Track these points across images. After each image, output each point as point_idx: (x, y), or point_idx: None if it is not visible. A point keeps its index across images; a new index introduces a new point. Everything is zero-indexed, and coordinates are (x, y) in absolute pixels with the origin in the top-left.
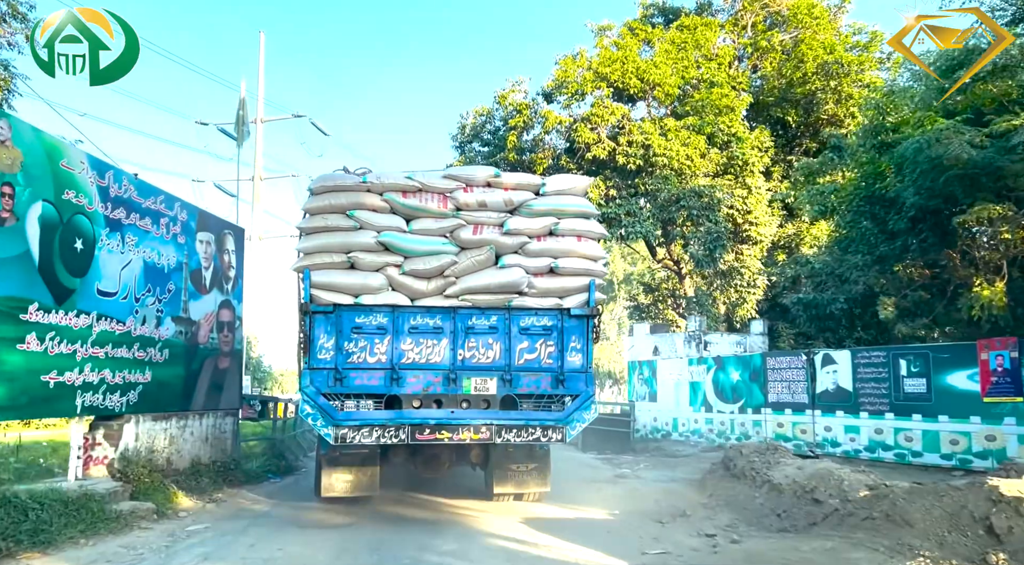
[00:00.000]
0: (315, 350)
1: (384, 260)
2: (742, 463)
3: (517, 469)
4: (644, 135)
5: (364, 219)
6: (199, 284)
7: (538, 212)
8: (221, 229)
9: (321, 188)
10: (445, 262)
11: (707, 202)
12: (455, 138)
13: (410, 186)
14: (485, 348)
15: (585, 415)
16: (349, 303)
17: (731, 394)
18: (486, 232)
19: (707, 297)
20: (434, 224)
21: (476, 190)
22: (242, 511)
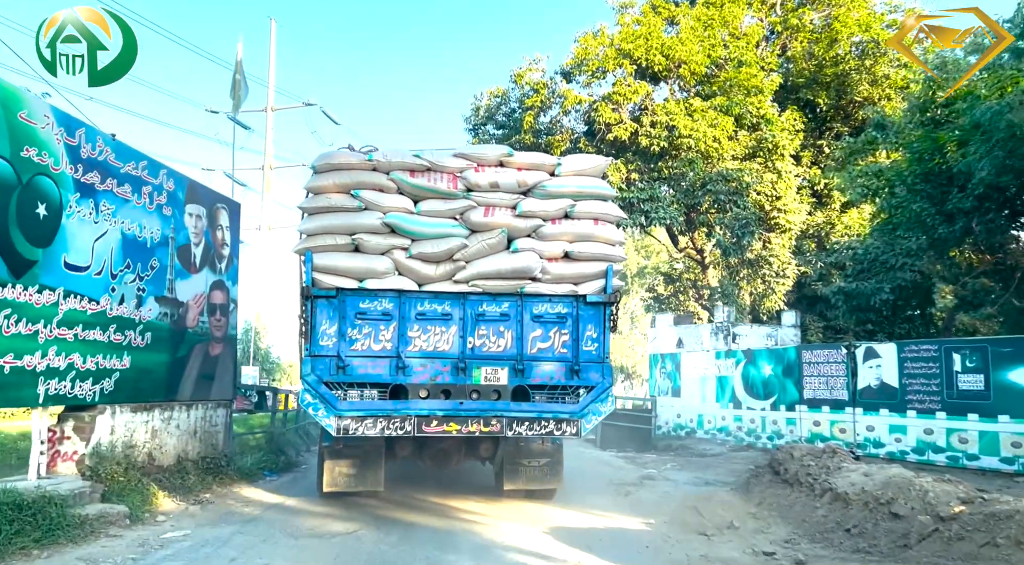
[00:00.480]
0: (316, 336)
1: (390, 243)
2: (795, 467)
3: (528, 464)
4: (669, 116)
5: (369, 199)
6: (187, 262)
7: (553, 194)
8: (214, 203)
9: (324, 166)
10: (454, 245)
11: (735, 187)
12: (468, 120)
13: (418, 165)
14: (496, 336)
15: (602, 408)
16: (353, 287)
17: (762, 390)
18: (498, 214)
19: (733, 287)
20: (443, 205)
21: (488, 170)
22: (230, 515)
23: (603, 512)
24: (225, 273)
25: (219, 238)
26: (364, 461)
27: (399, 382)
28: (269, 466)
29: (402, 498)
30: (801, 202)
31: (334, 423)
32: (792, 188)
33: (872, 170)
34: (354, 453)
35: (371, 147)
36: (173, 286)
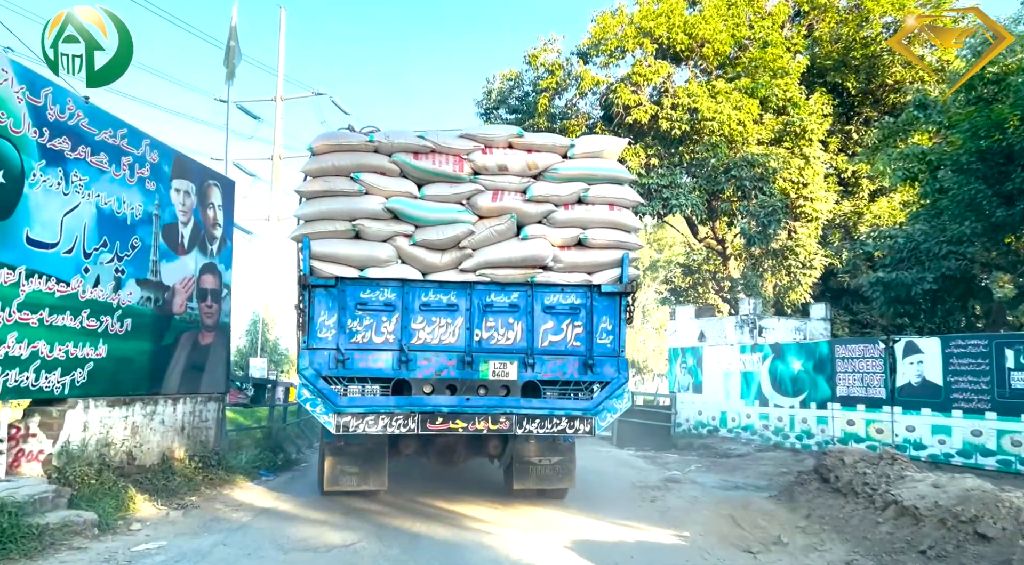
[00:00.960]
0: (315, 328)
1: (393, 229)
2: (847, 475)
3: (539, 462)
4: (691, 98)
5: (371, 183)
6: (174, 242)
7: (565, 177)
8: (204, 179)
9: (323, 147)
10: (461, 232)
11: (760, 173)
12: (480, 104)
13: (422, 147)
14: (505, 328)
15: (617, 405)
16: (353, 276)
17: (791, 386)
18: (507, 199)
19: (757, 279)
20: (449, 189)
21: (496, 152)
22: (215, 522)
23: (629, 521)
24: (217, 256)
25: (210, 217)
26: (366, 459)
27: (402, 377)
28: (266, 465)
29: (406, 502)
30: (828, 190)
31: (333, 420)
32: (820, 175)
33: (914, 152)
34: (356, 451)
35: (372, 127)
36: (157, 268)
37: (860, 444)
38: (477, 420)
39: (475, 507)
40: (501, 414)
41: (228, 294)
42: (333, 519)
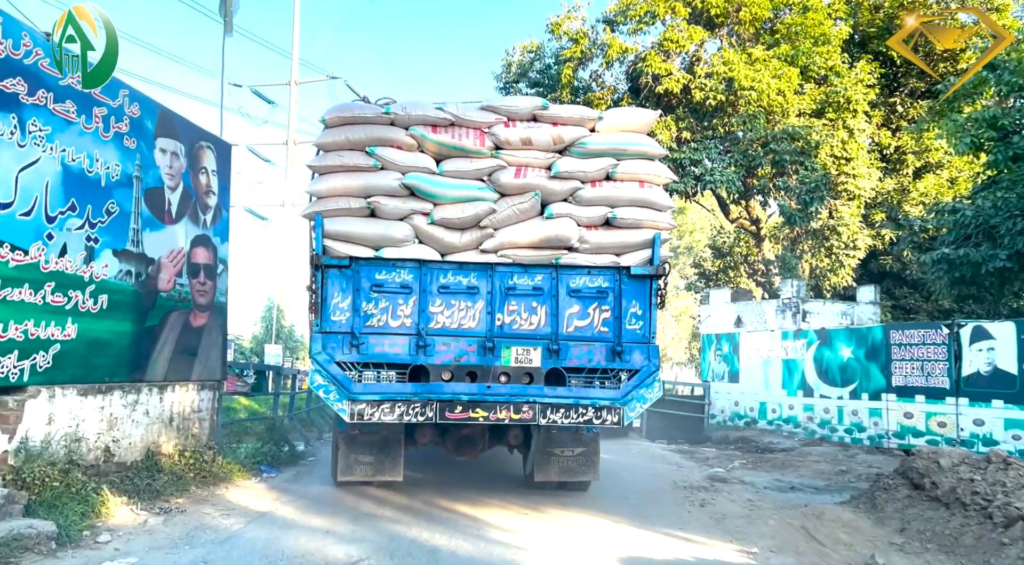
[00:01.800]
0: (328, 311)
1: (410, 207)
2: (948, 481)
3: (562, 454)
4: (726, 66)
5: (387, 157)
6: (160, 209)
7: (593, 152)
8: (196, 140)
9: (337, 120)
10: (482, 210)
11: (801, 146)
12: (499, 78)
13: (441, 119)
14: (528, 312)
15: (647, 394)
16: (368, 256)
17: (839, 375)
18: (531, 175)
19: (795, 260)
20: (469, 165)
21: (519, 125)
22: (201, 530)
23: (680, 531)
24: (211, 227)
25: (203, 183)
26: (381, 449)
27: (420, 363)
28: (267, 460)
29: (422, 505)
30: (870, 166)
31: (347, 408)
32: (864, 149)
33: (984, 117)
34: (370, 440)
35: (389, 99)
36: (139, 238)
37: (920, 439)
38: (499, 409)
39: (500, 511)
40: (524, 403)
41: (225, 271)
42: (338, 527)
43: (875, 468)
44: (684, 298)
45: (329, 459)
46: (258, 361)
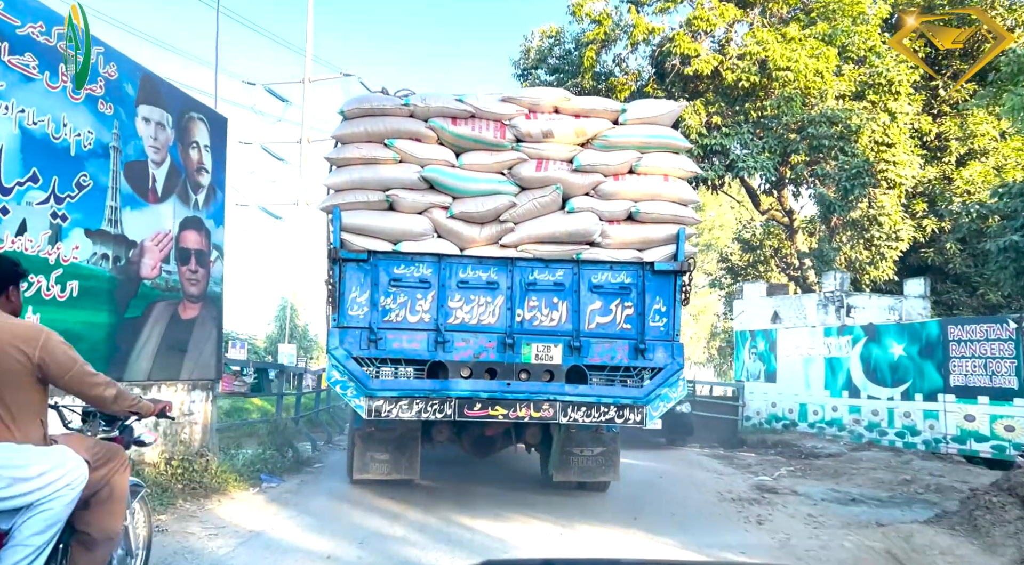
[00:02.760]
0: (345, 305)
1: (429, 200)
2: None
3: (581, 453)
4: (760, 46)
5: (405, 150)
6: (142, 185)
7: (616, 145)
8: (185, 110)
9: (355, 111)
10: (502, 204)
11: (840, 131)
12: (517, 64)
13: (461, 111)
14: (549, 308)
15: (671, 393)
16: (387, 250)
17: (889, 374)
18: (552, 169)
19: (833, 252)
20: (489, 158)
21: (541, 117)
22: (180, 556)
23: (742, 556)
24: (204, 208)
25: (194, 159)
26: (398, 446)
27: (438, 359)
28: (268, 467)
29: (439, 522)
30: (912, 153)
31: (364, 404)
32: (906, 134)
33: None
34: (387, 437)
35: (408, 91)
36: (117, 217)
37: (983, 444)
38: (519, 407)
39: (528, 528)
40: (544, 401)
41: (220, 258)
42: (342, 551)
43: (939, 477)
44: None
45: (337, 465)
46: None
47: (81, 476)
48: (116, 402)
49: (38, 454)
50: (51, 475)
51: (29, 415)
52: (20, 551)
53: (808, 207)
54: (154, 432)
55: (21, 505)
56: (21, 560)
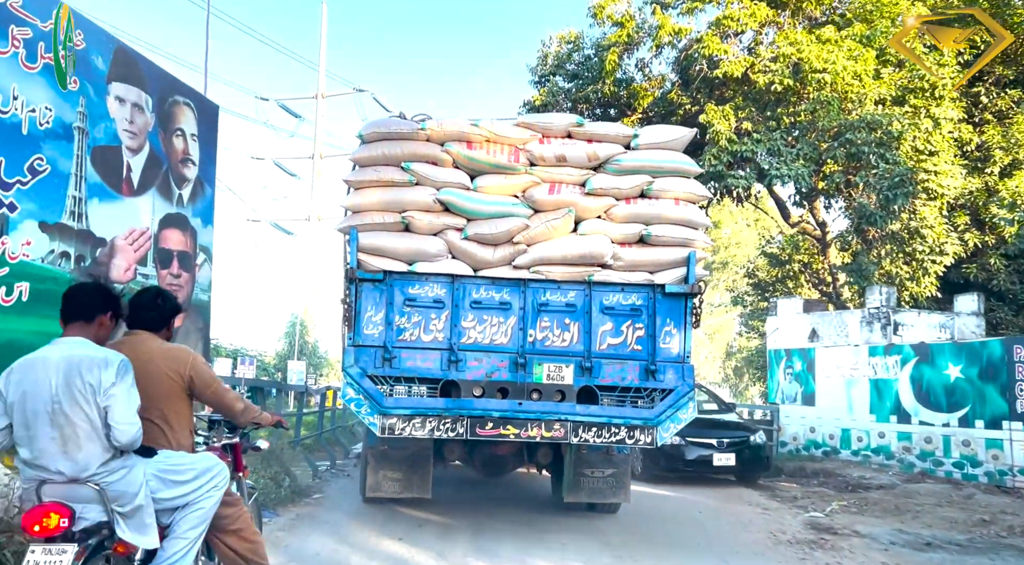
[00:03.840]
0: (361, 324)
1: (443, 222)
2: None
3: (592, 474)
4: (794, 47)
5: (421, 173)
6: (114, 175)
7: (628, 169)
8: (170, 93)
9: (373, 135)
10: (515, 226)
11: (880, 137)
12: (534, 71)
13: (476, 135)
14: (560, 329)
15: (681, 415)
16: (402, 271)
17: (945, 398)
18: (565, 192)
19: (872, 266)
20: (503, 181)
21: (554, 141)
22: None
23: None
24: (190, 205)
25: (178, 149)
26: (410, 465)
27: (451, 378)
28: (261, 500)
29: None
30: (953, 163)
31: (378, 422)
32: (949, 141)
33: None
34: (399, 456)
35: (424, 115)
36: (82, 210)
37: None
38: (530, 426)
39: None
40: (556, 421)
41: (208, 261)
42: None
43: (1013, 515)
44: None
45: (340, 495)
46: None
47: (225, 478)
48: (244, 414)
49: (191, 460)
50: (203, 478)
51: (182, 425)
52: (178, 543)
53: (839, 220)
54: (267, 440)
55: (180, 504)
56: (179, 550)
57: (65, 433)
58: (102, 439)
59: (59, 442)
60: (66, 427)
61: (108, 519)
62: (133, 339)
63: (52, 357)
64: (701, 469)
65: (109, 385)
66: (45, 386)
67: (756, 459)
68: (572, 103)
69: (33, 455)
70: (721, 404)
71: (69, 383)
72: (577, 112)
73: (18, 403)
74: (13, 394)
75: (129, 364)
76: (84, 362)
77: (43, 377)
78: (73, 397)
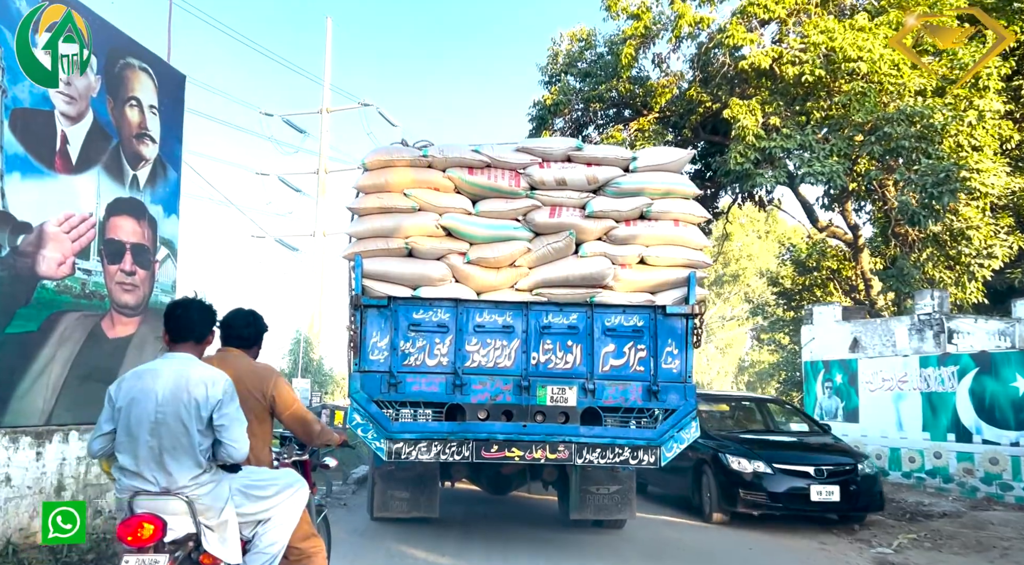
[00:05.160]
0: (366, 350)
1: (446, 247)
2: None
3: (597, 492)
4: (825, 34)
5: (424, 199)
6: (43, 145)
7: (627, 191)
8: (122, 54)
9: (375, 163)
10: (517, 250)
11: (921, 131)
12: (544, 70)
13: (477, 161)
14: (563, 351)
15: (684, 435)
16: (406, 296)
17: (1012, 413)
18: (565, 215)
19: (915, 271)
20: (504, 205)
21: (554, 166)
22: None
23: None
24: (148, 189)
25: (132, 122)
26: (417, 485)
27: (456, 401)
28: None
29: None
30: (995, 161)
31: (385, 446)
32: (994, 135)
33: None
34: (406, 476)
35: (426, 141)
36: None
37: None
38: (535, 448)
39: None
40: (560, 442)
41: (171, 257)
42: None
43: None
44: (731, 328)
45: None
46: None
47: (305, 494)
48: (319, 436)
49: (273, 475)
50: (284, 494)
51: (263, 443)
52: (259, 557)
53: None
54: (335, 458)
55: (261, 518)
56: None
57: (163, 444)
58: (196, 453)
59: (156, 451)
60: (165, 438)
61: (196, 531)
62: (225, 356)
63: (163, 370)
64: (794, 506)
65: (216, 403)
66: (152, 396)
67: (867, 493)
68: (584, 103)
69: (132, 462)
70: (813, 425)
71: (175, 396)
72: (590, 112)
73: (125, 409)
74: (122, 400)
75: (232, 383)
76: (192, 378)
77: (151, 387)
78: (176, 410)
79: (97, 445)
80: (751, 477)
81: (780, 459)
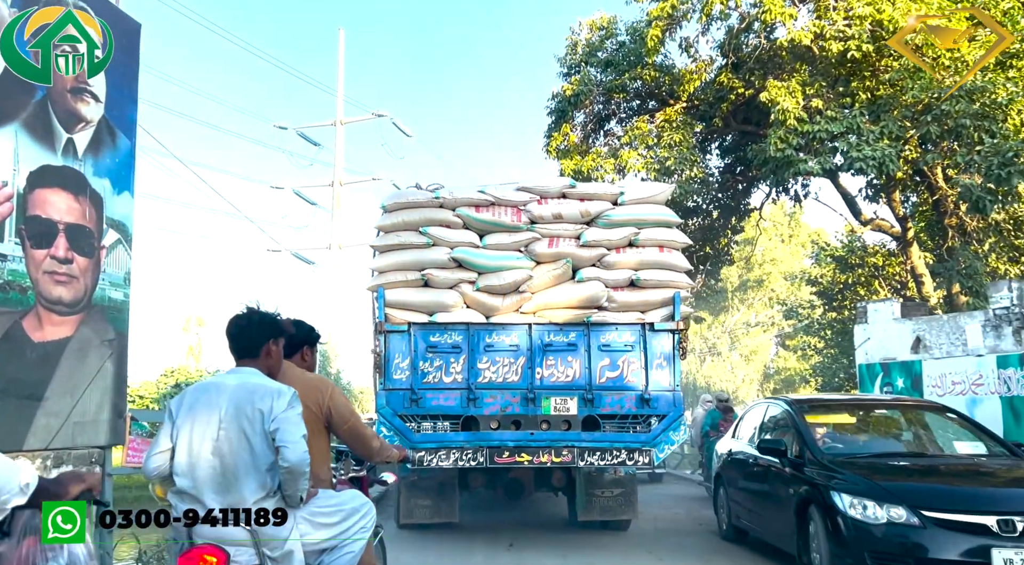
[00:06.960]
0: (390, 370)
1: (458, 277)
2: None
3: (602, 494)
4: (872, 5)
5: (437, 235)
6: None
7: (616, 223)
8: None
9: (394, 205)
10: (520, 277)
11: (981, 108)
12: (562, 61)
13: (483, 200)
14: (564, 366)
15: (674, 436)
16: (423, 321)
17: None
18: (562, 245)
19: (979, 264)
20: (508, 238)
21: (551, 202)
22: None
23: None
24: (88, 158)
25: (65, 77)
26: (438, 492)
27: (470, 414)
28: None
29: None
30: None
31: (409, 455)
32: None
33: None
34: (428, 484)
35: (437, 185)
36: None
37: None
38: (541, 453)
39: None
40: (563, 447)
41: (123, 245)
42: None
43: None
44: (755, 335)
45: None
46: None
47: (372, 518)
48: (378, 453)
49: (339, 500)
50: (351, 519)
51: (321, 459)
52: None
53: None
54: (394, 473)
55: (327, 546)
56: None
57: (225, 462)
58: (261, 473)
59: (218, 471)
60: (227, 456)
61: (259, 562)
62: None
63: (227, 383)
64: None
65: (280, 412)
66: (215, 411)
67: None
68: (606, 94)
69: (191, 484)
70: (1001, 447)
71: (239, 409)
72: (612, 104)
73: (186, 427)
74: (184, 417)
75: (298, 395)
76: (258, 391)
77: (215, 402)
78: (240, 425)
79: (152, 464)
80: (883, 531)
81: (938, 501)
